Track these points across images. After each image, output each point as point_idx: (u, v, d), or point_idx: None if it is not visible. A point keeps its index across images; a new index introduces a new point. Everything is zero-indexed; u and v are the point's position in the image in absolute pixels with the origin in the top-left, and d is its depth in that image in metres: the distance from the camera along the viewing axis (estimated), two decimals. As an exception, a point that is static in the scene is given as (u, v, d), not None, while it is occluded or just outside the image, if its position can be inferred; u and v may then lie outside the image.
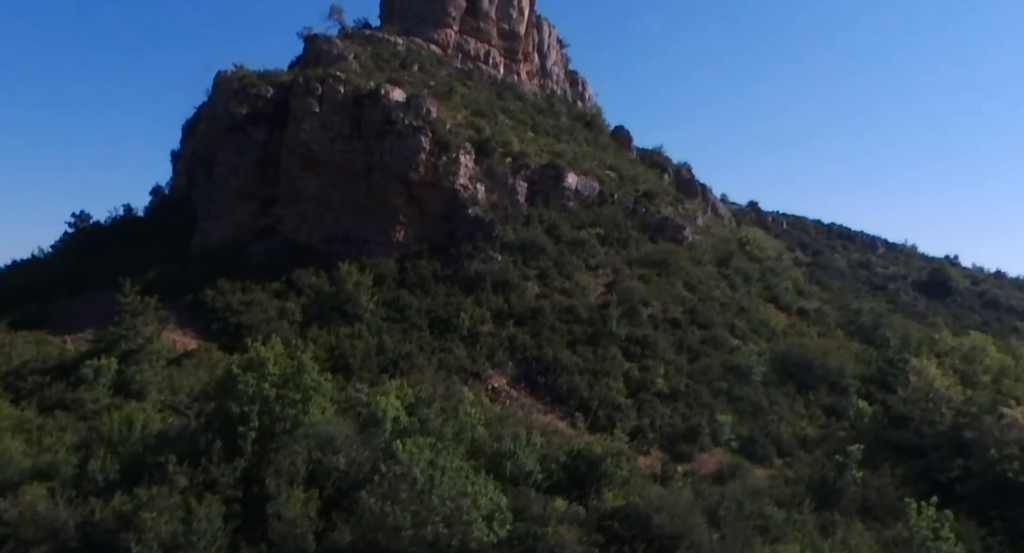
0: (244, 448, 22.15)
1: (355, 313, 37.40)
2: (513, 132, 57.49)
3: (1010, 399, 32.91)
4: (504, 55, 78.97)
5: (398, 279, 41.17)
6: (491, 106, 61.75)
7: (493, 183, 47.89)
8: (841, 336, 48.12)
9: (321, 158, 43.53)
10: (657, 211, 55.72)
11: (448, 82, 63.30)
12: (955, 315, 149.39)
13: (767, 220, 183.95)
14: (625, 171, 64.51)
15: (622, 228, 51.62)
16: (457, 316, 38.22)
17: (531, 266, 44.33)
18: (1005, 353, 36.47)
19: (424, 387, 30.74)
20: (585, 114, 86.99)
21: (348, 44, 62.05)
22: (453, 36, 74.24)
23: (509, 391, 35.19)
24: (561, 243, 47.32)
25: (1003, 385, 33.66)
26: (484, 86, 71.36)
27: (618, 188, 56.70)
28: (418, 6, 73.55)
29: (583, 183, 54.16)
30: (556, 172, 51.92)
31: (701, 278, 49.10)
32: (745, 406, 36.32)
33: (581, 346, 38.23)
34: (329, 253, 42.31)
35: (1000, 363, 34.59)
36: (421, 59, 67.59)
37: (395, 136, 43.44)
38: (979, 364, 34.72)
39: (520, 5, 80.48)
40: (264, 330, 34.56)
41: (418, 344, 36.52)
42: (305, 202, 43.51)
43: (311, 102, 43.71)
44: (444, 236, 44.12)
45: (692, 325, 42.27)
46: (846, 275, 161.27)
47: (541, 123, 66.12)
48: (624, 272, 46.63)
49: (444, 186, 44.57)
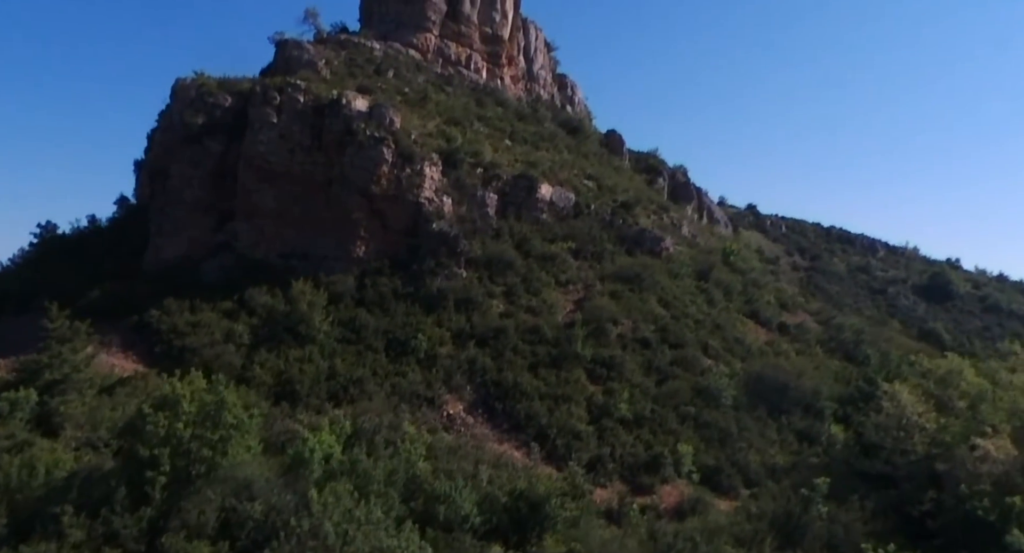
0: (152, 496, 20.64)
1: (308, 334, 35.91)
2: (488, 141, 56.02)
3: (987, 426, 31.31)
4: (486, 60, 77.45)
5: (356, 297, 39.66)
6: (467, 113, 60.27)
7: (461, 195, 46.38)
8: (821, 354, 46.56)
9: (279, 170, 42.04)
10: (635, 222, 54.15)
11: (424, 89, 61.84)
12: (955, 320, 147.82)
13: (765, 223, 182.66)
14: (606, 180, 62.93)
15: (597, 241, 50.06)
16: (415, 337, 36.69)
17: (497, 283, 42.83)
18: (983, 376, 34.83)
19: (369, 418, 29.32)
20: (572, 119, 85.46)
21: (320, 49, 60.56)
22: (433, 40, 72.70)
23: (465, 418, 33.67)
24: (531, 258, 45.80)
25: (980, 411, 32.04)
26: (464, 92, 69.85)
27: (595, 199, 55.17)
28: (396, 10, 72.04)
29: (558, 194, 52.63)
30: (529, 183, 50.39)
31: (677, 294, 47.54)
32: (713, 432, 34.76)
33: (544, 369, 36.69)
34: (287, 270, 40.77)
35: (977, 387, 32.97)
36: (398, 64, 66.08)
37: (356, 147, 41.94)
38: (955, 389, 33.11)
39: (503, 8, 78.94)
40: (208, 354, 33.20)
41: (372, 368, 35.02)
42: (262, 216, 42.01)
43: (269, 112, 42.21)
44: (407, 252, 42.60)
45: (663, 344, 40.72)
46: (844, 279, 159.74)
47: (520, 130, 64.53)
48: (596, 288, 45.13)
49: (407, 199, 43.06)
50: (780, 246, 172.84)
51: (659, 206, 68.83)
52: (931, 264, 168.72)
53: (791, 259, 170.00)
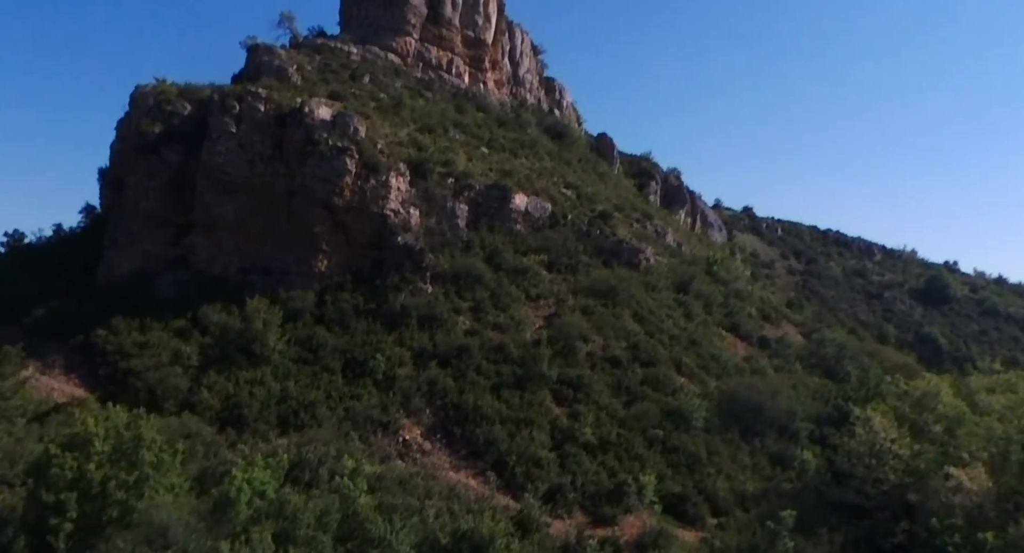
0: (56, 546, 19.25)
1: (262, 354, 34.54)
2: (463, 149, 54.63)
3: (963, 452, 29.97)
4: (469, 64, 76.03)
5: (316, 314, 38.26)
6: (444, 120, 58.87)
7: (430, 207, 44.99)
8: (800, 370, 45.15)
9: (238, 182, 40.66)
10: (612, 233, 52.69)
11: (399, 94, 60.48)
12: (952, 324, 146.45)
13: (761, 227, 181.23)
14: (587, 188, 61.53)
15: (572, 253, 48.66)
16: (373, 357, 35.28)
17: (465, 298, 41.42)
18: (962, 397, 33.44)
19: (314, 447, 27.93)
20: (557, 124, 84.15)
21: (292, 55, 59.16)
22: (413, 45, 71.28)
23: (421, 444, 32.28)
24: (501, 271, 44.39)
25: (956, 436, 30.69)
26: (443, 97, 68.48)
27: (573, 209, 53.72)
28: (375, 14, 70.64)
29: (533, 204, 51.22)
30: (502, 193, 48.98)
31: (653, 308, 46.13)
32: (681, 457, 33.36)
33: (507, 390, 35.28)
34: (245, 285, 39.44)
35: (955, 409, 31.58)
36: (375, 69, 64.68)
37: (318, 157, 40.55)
38: (931, 412, 31.70)
39: (487, 12, 77.51)
40: (152, 378, 31.85)
41: (326, 390, 33.64)
42: (220, 230, 40.63)
43: (227, 121, 40.82)
44: (371, 266, 41.23)
45: (634, 363, 39.28)
46: (840, 284, 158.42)
47: (499, 137, 63.14)
48: (568, 303, 43.71)
49: (372, 211, 41.67)
50: (776, 250, 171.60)
51: (643, 214, 67.40)
52: (928, 267, 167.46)
53: (787, 263, 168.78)
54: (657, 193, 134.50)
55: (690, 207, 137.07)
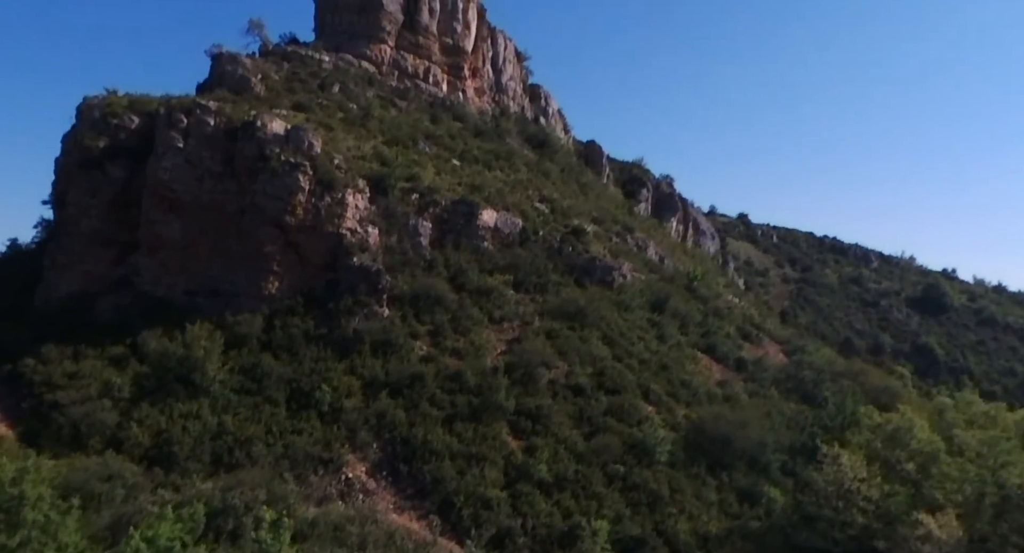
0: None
1: (201, 385, 32.63)
2: (433, 162, 52.83)
3: (936, 493, 28.03)
4: (447, 72, 74.28)
5: (263, 340, 36.36)
6: (414, 131, 57.01)
7: (390, 225, 43.14)
8: (776, 396, 43.22)
9: (185, 199, 38.79)
10: (585, 250, 50.76)
11: (369, 105, 58.61)
12: (949, 334, 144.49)
13: (756, 233, 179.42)
14: (563, 201, 59.57)
15: (541, 271, 46.79)
16: (320, 388, 33.39)
17: (424, 321, 39.55)
18: (938, 430, 31.46)
19: (241, 492, 25.99)
20: (538, 134, 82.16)
21: (258, 64, 57.40)
22: (388, 52, 69.53)
23: (365, 483, 30.38)
24: (465, 292, 42.52)
25: (930, 475, 28.74)
26: (419, 106, 66.72)
27: (545, 224, 51.80)
28: (349, 20, 68.92)
29: (503, 219, 49.36)
30: (469, 209, 47.11)
31: (624, 329, 44.26)
32: (641, 496, 31.47)
33: (461, 423, 33.38)
34: (191, 308, 37.55)
35: (929, 446, 29.60)
36: (346, 78, 62.89)
37: (269, 174, 38.68)
38: (904, 449, 29.72)
39: (466, 19, 75.79)
40: (77, 412, 29.93)
41: (267, 424, 31.74)
42: (166, 250, 38.77)
43: (174, 136, 38.97)
44: (325, 288, 39.34)
45: (598, 391, 37.40)
46: (836, 291, 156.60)
47: (474, 148, 61.29)
48: (533, 325, 41.86)
49: (326, 231, 39.80)
50: (770, 257, 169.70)
51: (624, 226, 65.53)
52: (926, 275, 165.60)
53: (781, 271, 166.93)
54: (648, 200, 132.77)
55: (682, 215, 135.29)
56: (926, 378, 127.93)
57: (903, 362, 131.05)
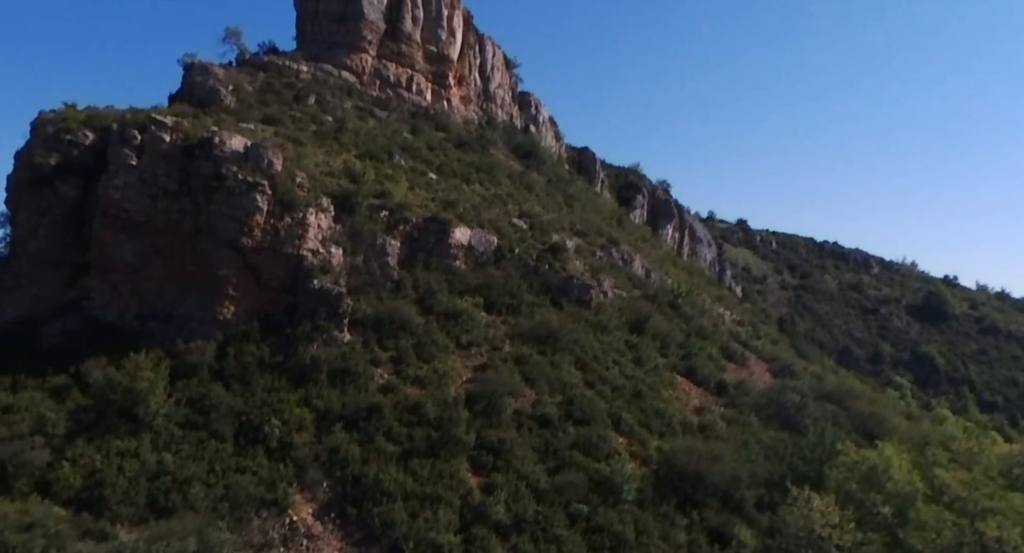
0: None
1: (144, 419, 31.02)
2: (407, 177, 51.25)
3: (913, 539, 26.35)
4: (431, 80, 72.78)
5: (215, 369, 34.74)
6: (390, 144, 55.50)
7: (356, 244, 41.53)
8: (756, 423, 41.45)
9: (139, 219, 37.23)
10: (562, 268, 49.06)
11: (344, 117, 57.07)
12: (950, 342, 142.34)
13: (755, 239, 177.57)
14: (544, 216, 57.90)
15: (515, 292, 45.14)
16: (269, 422, 31.76)
17: (387, 347, 37.93)
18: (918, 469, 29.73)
19: (167, 544, 24.40)
20: (525, 143, 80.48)
21: (231, 74, 55.92)
22: (370, 61, 68.06)
23: (311, 526, 28.73)
24: (433, 315, 40.91)
25: (907, 519, 27.05)
26: (400, 117, 65.30)
27: (521, 242, 50.09)
28: (329, 30, 67.42)
29: (478, 237, 47.74)
30: (441, 227, 45.49)
31: (598, 353, 42.61)
32: (605, 540, 29.82)
33: (418, 459, 31.72)
34: (142, 334, 36.03)
35: (907, 487, 27.90)
36: (324, 89, 61.43)
37: (225, 193, 37.08)
38: (880, 491, 28.00)
39: (451, 26, 74.28)
40: (6, 451, 28.29)
41: (211, 461, 30.11)
42: (117, 272, 37.21)
43: (127, 153, 37.40)
44: (284, 313, 37.75)
45: (566, 422, 35.73)
46: (835, 298, 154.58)
47: (453, 161, 59.75)
48: (503, 350, 40.24)
49: (286, 252, 38.20)
50: (769, 264, 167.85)
51: (610, 239, 63.84)
52: (927, 282, 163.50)
53: (780, 277, 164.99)
54: (644, 207, 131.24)
55: (678, 222, 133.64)
56: (926, 388, 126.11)
57: (902, 371, 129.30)
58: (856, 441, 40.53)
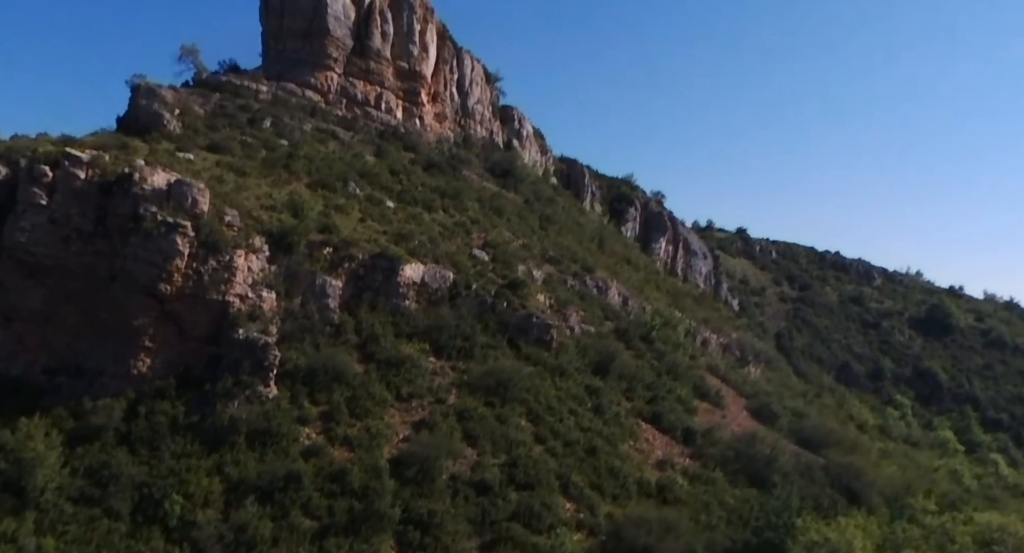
0: None
1: (31, 495, 28.14)
2: (361, 206, 48.31)
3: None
4: (402, 98, 69.93)
5: (122, 431, 31.85)
6: (348, 170, 52.58)
7: (292, 287, 38.67)
8: (721, 478, 38.34)
9: (48, 264, 34.46)
10: (522, 305, 46.01)
11: (301, 140, 54.22)
12: (954, 357, 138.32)
13: (754, 249, 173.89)
14: (511, 244, 54.79)
15: (469, 333, 42.13)
16: (170, 497, 28.83)
17: (319, 402, 35.01)
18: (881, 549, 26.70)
19: None
20: (504, 160, 77.46)
21: (180, 96, 53.15)
22: (336, 79, 65.20)
23: (204, 620, 25.73)
24: (373, 363, 38.00)
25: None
26: (366, 138, 62.46)
27: (480, 276, 47.03)
28: (294, 46, 64.62)
29: (432, 273, 44.78)
30: (390, 264, 42.55)
31: (554, 402, 39.63)
32: (536, 632, 26.73)
33: (336, 537, 28.84)
34: (49, 390, 33.27)
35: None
36: (284, 110, 58.65)
37: (142, 236, 34.24)
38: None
39: (423, 41, 71.39)
40: None
41: (99, 547, 27.21)
42: (23, 321, 34.45)
43: (36, 192, 34.61)
44: (206, 366, 34.88)
45: (508, 487, 32.76)
46: (835, 312, 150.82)
47: (417, 185, 56.78)
48: (448, 402, 37.25)
49: (209, 299, 35.34)
50: (768, 275, 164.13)
51: (584, 266, 60.74)
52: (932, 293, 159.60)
53: (779, 289, 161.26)
54: (636, 220, 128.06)
55: (671, 234, 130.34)
56: (929, 405, 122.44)
57: (904, 388, 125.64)
58: (828, 500, 37.63)
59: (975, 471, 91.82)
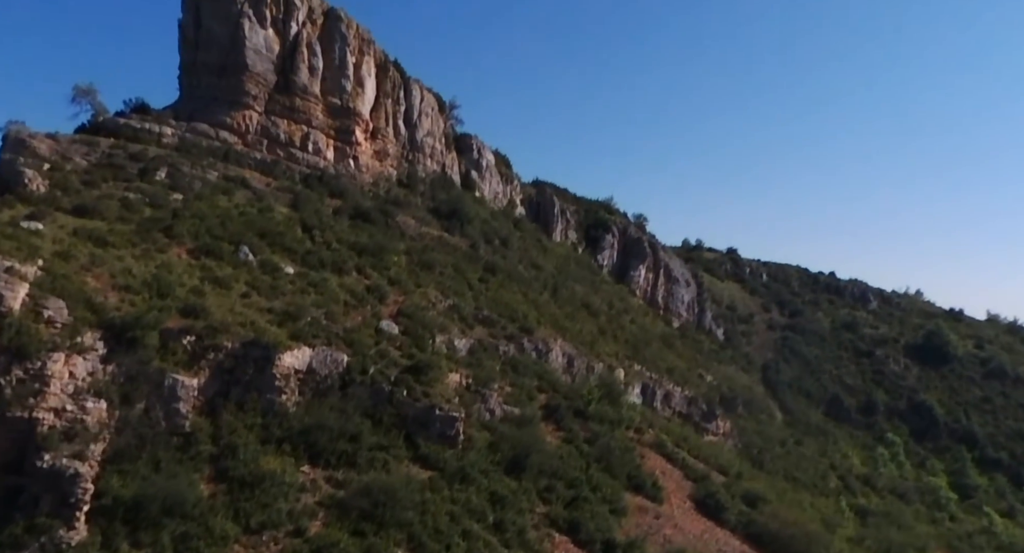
0: None
1: None
2: (246, 277, 42.48)
3: None
4: (333, 137, 64.38)
5: None
6: (244, 230, 46.92)
7: (135, 390, 32.83)
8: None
9: None
10: (425, 393, 40.10)
11: (198, 195, 48.58)
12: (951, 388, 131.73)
13: (744, 272, 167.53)
14: (428, 311, 48.88)
15: (356, 433, 36.31)
16: None
17: (142, 543, 29.04)
18: None
19: None
20: (452, 200, 71.84)
21: (64, 146, 47.78)
22: (255, 119, 59.64)
23: None
24: (225, 484, 32.10)
25: None
26: (285, 184, 56.82)
27: (381, 357, 41.12)
28: (209, 83, 59.19)
29: (321, 358, 38.99)
30: (264, 352, 36.72)
31: (444, 524, 33.67)
32: None
33: None
34: None
35: None
36: (187, 156, 52.96)
37: (-72, 346, 28.49)
38: None
39: (358, 75, 65.89)
40: None
41: None
42: None
43: None
44: (4, 501, 29.04)
45: None
46: (826, 340, 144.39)
47: (332, 241, 51.05)
48: (309, 532, 31.31)
49: (14, 417, 29.55)
50: (758, 300, 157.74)
51: (522, 327, 54.90)
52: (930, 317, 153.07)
53: (768, 316, 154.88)
54: (613, 247, 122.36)
55: (651, 261, 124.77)
56: (924, 441, 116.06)
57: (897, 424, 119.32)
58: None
59: (966, 529, 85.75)
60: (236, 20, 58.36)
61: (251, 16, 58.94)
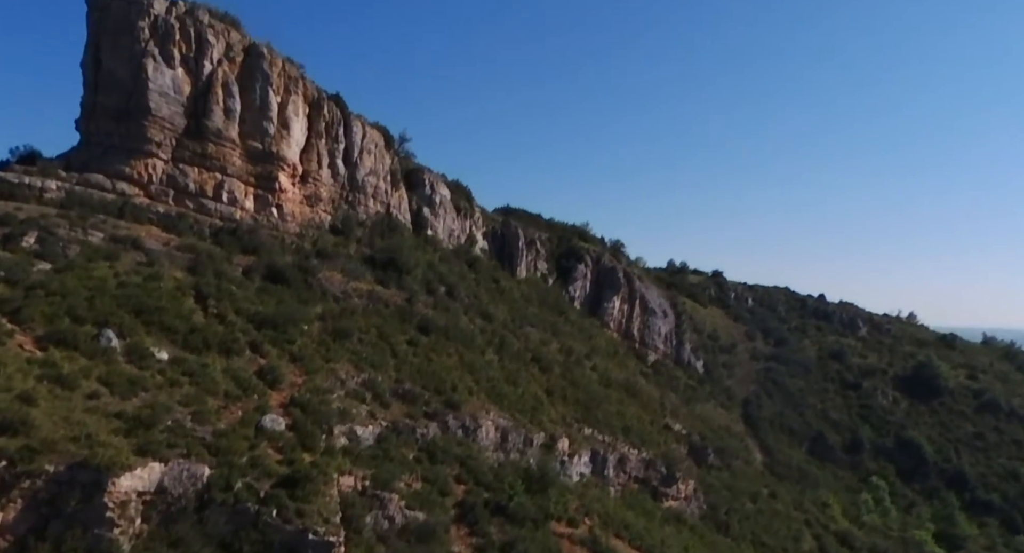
0: None
1: None
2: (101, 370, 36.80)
3: None
4: (253, 184, 58.81)
5: None
6: (117, 306, 41.22)
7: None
8: None
9: None
10: (298, 513, 34.45)
11: (69, 265, 43.06)
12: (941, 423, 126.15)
13: (729, 298, 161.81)
14: (327, 396, 43.29)
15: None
16: None
17: None
18: None
19: None
20: (389, 247, 66.40)
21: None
22: (160, 168, 54.15)
23: None
24: None
25: None
26: (191, 242, 51.22)
27: (251, 467, 35.48)
28: (108, 129, 53.86)
29: (173, 475, 33.28)
30: (93, 476, 31.04)
31: None
32: None
33: None
34: None
35: None
36: (69, 215, 47.48)
37: None
38: None
39: (283, 116, 60.54)
40: None
41: None
42: None
43: None
44: None
45: None
46: (812, 371, 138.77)
47: (227, 312, 45.49)
48: None
49: None
50: (741, 327, 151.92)
51: (447, 402, 49.32)
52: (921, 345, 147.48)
53: (752, 344, 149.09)
54: (586, 278, 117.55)
55: (626, 292, 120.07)
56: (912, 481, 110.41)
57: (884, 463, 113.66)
58: None
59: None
60: (139, 60, 52.96)
61: (156, 55, 53.52)
